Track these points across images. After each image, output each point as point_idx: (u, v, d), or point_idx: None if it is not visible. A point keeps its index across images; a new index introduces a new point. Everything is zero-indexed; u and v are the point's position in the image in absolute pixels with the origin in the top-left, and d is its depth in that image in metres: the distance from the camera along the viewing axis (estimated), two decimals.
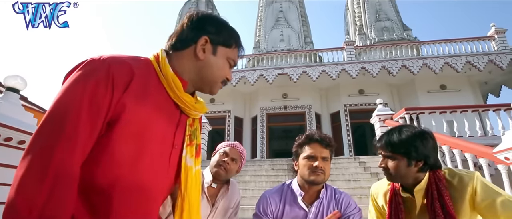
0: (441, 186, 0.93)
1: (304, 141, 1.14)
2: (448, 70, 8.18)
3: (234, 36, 0.71)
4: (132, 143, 0.57)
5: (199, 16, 0.69)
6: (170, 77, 0.63)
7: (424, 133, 0.98)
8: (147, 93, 0.60)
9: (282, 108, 9.81)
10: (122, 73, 0.57)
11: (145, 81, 0.60)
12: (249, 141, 9.76)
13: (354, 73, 8.60)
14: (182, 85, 0.65)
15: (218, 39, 0.68)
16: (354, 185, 4.36)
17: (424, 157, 0.94)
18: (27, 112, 2.70)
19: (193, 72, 0.67)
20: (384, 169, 1.00)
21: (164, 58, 0.65)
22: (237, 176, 4.92)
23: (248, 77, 9.10)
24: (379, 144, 1.01)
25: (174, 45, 0.68)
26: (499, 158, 2.94)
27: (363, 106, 9.21)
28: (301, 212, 1.10)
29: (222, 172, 1.37)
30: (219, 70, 0.69)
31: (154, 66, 0.64)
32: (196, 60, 0.67)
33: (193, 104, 0.68)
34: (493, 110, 5.05)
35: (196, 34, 0.66)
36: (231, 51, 0.71)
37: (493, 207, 0.85)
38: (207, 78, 0.69)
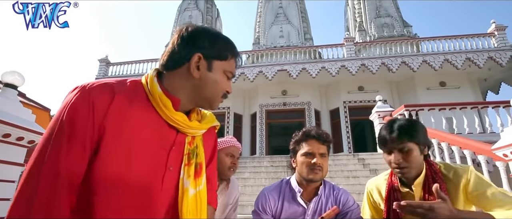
0: (437, 179, 0.94)
1: (301, 137, 1.14)
2: (447, 67, 8.17)
3: (229, 47, 0.68)
4: (117, 165, 0.55)
5: (189, 32, 0.65)
6: (157, 96, 0.61)
7: (417, 121, 1.00)
8: (130, 115, 0.58)
9: (281, 105, 9.79)
10: (103, 98, 0.57)
11: (129, 103, 0.59)
12: (248, 137, 9.77)
13: (354, 69, 8.58)
14: (173, 104, 0.62)
15: (212, 54, 0.65)
16: (353, 182, 4.38)
17: (428, 141, 0.97)
18: (25, 108, 2.69)
19: (189, 90, 0.65)
20: (399, 164, 0.96)
21: (152, 77, 0.64)
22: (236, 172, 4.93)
23: (248, 74, 9.07)
24: (393, 135, 0.97)
25: (166, 65, 0.65)
26: (498, 155, 2.95)
27: (362, 103, 9.21)
28: (300, 208, 1.10)
29: (231, 172, 1.42)
30: (217, 86, 0.66)
31: (144, 86, 0.63)
32: (191, 79, 0.64)
33: (186, 123, 0.64)
34: (492, 107, 5.06)
35: (188, 51, 0.63)
36: (228, 64, 0.68)
37: (483, 197, 0.87)
38: (205, 96, 0.66)
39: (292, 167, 1.18)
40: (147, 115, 0.61)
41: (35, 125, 2.63)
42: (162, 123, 0.62)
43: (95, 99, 0.56)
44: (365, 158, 5.55)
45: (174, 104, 0.63)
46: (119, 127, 0.56)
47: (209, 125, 0.72)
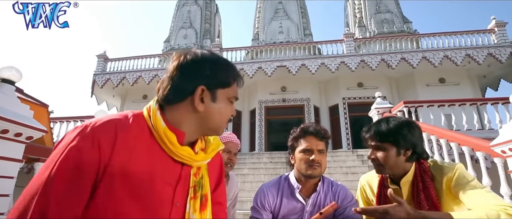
0: (426, 178, 0.94)
1: (299, 134, 1.14)
2: (447, 63, 8.16)
3: (230, 72, 0.65)
4: (120, 206, 0.53)
5: (188, 62, 0.61)
6: (162, 131, 0.59)
7: (411, 122, 1.00)
8: (134, 153, 0.56)
9: (280, 101, 9.78)
10: (107, 139, 0.54)
11: (133, 140, 0.56)
12: (247, 134, 9.77)
13: (353, 66, 8.56)
14: (178, 138, 0.60)
15: (215, 83, 0.62)
16: (351, 178, 4.40)
17: (412, 145, 0.96)
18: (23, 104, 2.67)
19: (194, 122, 0.62)
20: (373, 160, 1.01)
21: (155, 111, 0.61)
22: (235, 168, 4.94)
23: (247, 70, 9.04)
24: (368, 134, 1.02)
25: (167, 99, 0.61)
26: (496, 151, 2.96)
27: (361, 100, 9.21)
28: (299, 204, 1.11)
29: (228, 169, 1.42)
30: (222, 115, 0.64)
31: (146, 120, 0.60)
32: (195, 111, 0.61)
33: (191, 156, 0.62)
34: (491, 103, 5.06)
35: (190, 84, 0.60)
36: (231, 90, 0.65)
37: (458, 194, 0.88)
38: (210, 126, 0.64)
39: (291, 163, 1.18)
40: (152, 152, 0.58)
41: (33, 121, 2.61)
42: (167, 158, 0.60)
43: (101, 141, 0.53)
44: (363, 154, 5.57)
45: (179, 138, 0.60)
46: (124, 166, 0.54)
47: (215, 152, 0.70)
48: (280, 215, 1.12)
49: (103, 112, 3.71)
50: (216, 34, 13.50)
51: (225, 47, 10.09)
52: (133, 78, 9.58)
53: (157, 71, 9.57)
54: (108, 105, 11.60)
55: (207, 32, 12.67)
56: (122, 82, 9.71)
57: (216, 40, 10.40)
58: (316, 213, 0.99)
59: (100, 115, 3.59)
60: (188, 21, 12.52)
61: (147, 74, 9.55)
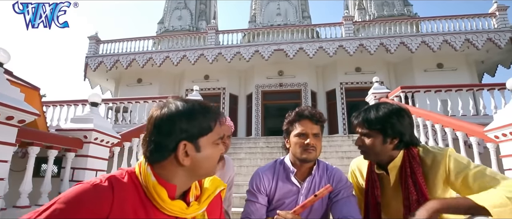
0: (414, 164, 0.94)
1: (294, 117, 1.13)
2: (446, 48, 8.10)
3: (209, 117, 0.64)
4: None
5: (164, 120, 0.61)
6: (151, 186, 0.60)
7: (401, 110, 0.99)
8: (127, 211, 0.57)
9: (277, 86, 9.71)
10: (106, 199, 0.55)
11: (129, 204, 0.58)
12: (244, 118, 9.78)
13: (352, 50, 8.45)
14: (169, 192, 0.61)
15: (195, 133, 0.61)
16: (347, 162, 4.46)
17: (400, 134, 0.96)
18: (13, 86, 2.58)
19: (184, 175, 0.63)
20: (360, 147, 1.02)
21: (145, 167, 0.62)
22: (232, 153, 4.98)
23: (243, 53, 8.88)
24: (357, 121, 1.02)
25: (152, 159, 0.62)
26: (489, 136, 2.99)
27: (359, 85, 9.19)
28: (294, 188, 1.12)
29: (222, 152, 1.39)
30: (211, 160, 0.64)
31: (138, 177, 0.62)
32: (183, 166, 0.61)
33: (183, 211, 0.62)
34: (487, 89, 5.08)
35: (171, 141, 0.60)
36: (214, 133, 0.64)
37: (466, 181, 0.88)
38: (202, 174, 0.65)
39: (286, 147, 1.17)
40: (146, 209, 0.60)
41: (24, 103, 2.54)
42: (161, 214, 0.61)
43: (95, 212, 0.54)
44: None
45: (170, 191, 0.61)
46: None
47: (210, 199, 0.70)
48: (276, 198, 1.13)
49: (97, 95, 3.63)
50: (211, 15, 13.09)
51: (221, 30, 9.83)
52: (127, 61, 9.35)
53: (151, 54, 9.34)
54: (102, 89, 11.40)
55: (203, 13, 12.27)
56: (115, 66, 9.48)
57: (212, 22, 10.10)
58: (311, 196, 0.99)
59: (93, 98, 3.52)
60: (183, 2, 12.08)
61: (141, 57, 9.32)
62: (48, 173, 2.91)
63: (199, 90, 6.81)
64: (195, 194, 0.68)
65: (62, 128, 3.45)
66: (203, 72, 10.00)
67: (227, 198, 1.53)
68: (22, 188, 2.58)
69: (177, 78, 10.51)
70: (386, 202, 1.03)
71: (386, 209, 1.04)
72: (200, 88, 7.54)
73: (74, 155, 3.06)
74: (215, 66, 9.48)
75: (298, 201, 1.10)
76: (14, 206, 2.52)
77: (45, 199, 2.76)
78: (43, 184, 2.79)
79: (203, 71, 9.94)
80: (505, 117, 2.80)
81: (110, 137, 3.41)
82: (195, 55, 9.12)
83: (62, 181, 2.98)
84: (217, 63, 9.22)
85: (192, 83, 9.05)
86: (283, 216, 0.87)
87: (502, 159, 2.86)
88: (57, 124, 6.06)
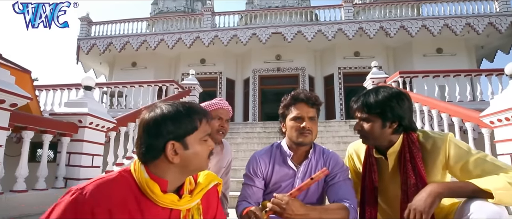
0: (413, 149, 0.95)
1: (290, 101, 1.13)
2: (446, 32, 7.99)
3: (194, 117, 0.68)
4: None
5: (150, 124, 0.66)
6: (144, 182, 0.65)
7: (401, 94, 0.98)
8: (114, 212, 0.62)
9: (275, 71, 9.61)
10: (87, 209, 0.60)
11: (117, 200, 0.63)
12: (241, 103, 9.74)
13: (351, 33, 8.30)
14: (161, 186, 0.66)
15: (182, 133, 0.67)
16: (343, 147, 4.51)
17: (399, 118, 0.95)
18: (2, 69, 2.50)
19: (175, 171, 0.68)
20: (359, 131, 1.02)
21: (139, 165, 0.67)
22: (229, 138, 4.99)
23: (240, 36, 8.67)
24: (356, 105, 1.01)
25: (144, 159, 0.67)
26: (485, 122, 3.02)
27: (357, 70, 9.12)
28: (290, 171, 1.13)
29: (221, 136, 1.40)
30: (200, 156, 0.69)
31: (133, 174, 0.67)
32: (173, 164, 0.66)
33: (175, 203, 0.68)
34: (485, 75, 5.07)
35: (159, 142, 0.65)
36: (201, 130, 0.69)
37: (466, 167, 0.89)
38: (191, 170, 0.70)
39: (282, 131, 1.17)
40: (140, 203, 0.65)
41: (15, 87, 2.47)
42: (155, 206, 0.66)
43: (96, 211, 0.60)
44: None
45: (162, 186, 0.66)
46: None
47: (203, 193, 0.75)
48: (272, 181, 1.14)
49: (91, 79, 3.55)
50: None
51: (217, 11, 9.52)
52: (120, 44, 9.10)
53: (145, 37, 9.08)
54: (96, 73, 11.17)
55: None
56: (109, 48, 9.23)
57: (208, 3, 9.75)
58: (307, 179, 0.99)
59: (87, 82, 3.44)
60: None
61: (135, 40, 9.06)
62: (43, 158, 2.90)
63: (195, 74, 6.70)
64: (189, 189, 0.73)
65: (56, 112, 3.40)
66: (199, 56, 9.81)
67: (225, 182, 1.54)
68: (18, 172, 2.58)
69: (172, 62, 10.31)
70: (383, 186, 1.04)
71: (383, 193, 1.05)
72: (196, 72, 7.42)
73: (69, 139, 3.03)
74: (212, 50, 9.29)
75: (294, 184, 1.11)
76: (11, 190, 2.52)
77: (42, 183, 2.76)
78: (39, 169, 2.79)
79: (199, 55, 9.75)
80: (501, 102, 2.80)
81: (106, 122, 3.37)
82: (191, 38, 8.89)
83: (58, 166, 2.98)
84: (214, 46, 9.02)
85: (188, 67, 8.89)
86: (280, 199, 0.88)
87: (496, 144, 2.89)
88: (51, 108, 5.98)
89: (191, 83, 6.39)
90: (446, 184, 0.84)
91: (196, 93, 6.42)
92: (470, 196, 0.81)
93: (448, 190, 0.82)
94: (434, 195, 0.80)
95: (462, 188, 0.82)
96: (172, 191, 0.69)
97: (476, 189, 0.80)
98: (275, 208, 0.87)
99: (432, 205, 0.79)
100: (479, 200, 0.79)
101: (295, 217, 0.88)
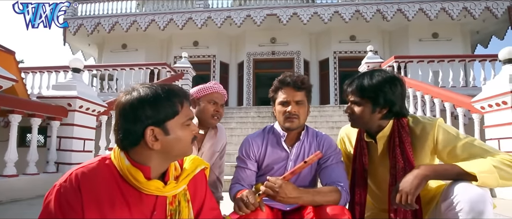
0: (403, 133, 0.96)
1: (277, 85, 1.12)
2: (443, 16, 7.92)
3: (173, 100, 0.65)
4: None
5: (127, 109, 0.63)
6: (126, 169, 0.63)
7: (395, 79, 0.98)
8: (101, 200, 0.61)
9: (269, 54, 9.46)
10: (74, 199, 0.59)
11: (102, 188, 0.62)
12: (235, 87, 9.65)
13: (347, 16, 8.14)
14: (144, 173, 0.64)
15: (161, 118, 0.63)
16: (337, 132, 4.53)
17: (390, 103, 0.95)
18: None
19: (157, 157, 0.65)
20: (349, 115, 1.02)
21: (118, 152, 0.65)
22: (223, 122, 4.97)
23: (234, 18, 8.42)
24: (350, 88, 1.01)
25: (123, 145, 0.64)
26: (476, 107, 3.07)
27: (353, 54, 9.05)
28: (283, 153, 1.13)
29: (215, 121, 1.37)
30: (182, 142, 0.66)
31: (114, 162, 0.65)
32: (154, 150, 0.63)
33: (160, 190, 0.65)
34: (479, 60, 5.10)
35: (138, 127, 0.62)
36: (182, 115, 0.66)
37: (454, 152, 0.91)
38: (173, 155, 0.67)
39: (274, 115, 1.17)
40: (123, 192, 0.63)
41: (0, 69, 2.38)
42: (139, 194, 0.64)
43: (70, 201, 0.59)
44: None
45: (145, 173, 0.64)
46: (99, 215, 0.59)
47: (189, 179, 0.72)
48: (265, 164, 1.15)
49: (79, 60, 3.43)
50: None
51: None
52: (109, 24, 8.72)
53: (135, 17, 8.72)
54: (84, 55, 10.79)
55: None
56: (97, 29, 8.85)
57: None
58: (300, 161, 1.00)
59: (75, 63, 3.31)
60: None
61: (125, 20, 8.70)
62: (33, 142, 2.84)
63: (188, 57, 6.54)
64: (174, 175, 0.71)
65: (43, 95, 3.29)
66: (192, 38, 9.53)
67: (219, 166, 1.53)
68: (8, 157, 2.53)
69: (164, 44, 10.01)
70: (373, 169, 1.06)
71: (373, 176, 1.07)
72: (189, 55, 7.24)
73: (59, 123, 2.97)
74: (205, 32, 9.02)
75: (287, 166, 1.12)
76: (1, 175, 2.48)
77: (32, 168, 2.72)
78: (29, 153, 2.74)
79: (192, 37, 9.47)
80: (493, 88, 2.83)
81: (96, 105, 3.30)
82: (183, 19, 8.58)
83: (49, 150, 2.93)
84: (207, 28, 8.75)
85: (181, 50, 8.66)
86: (273, 182, 0.88)
87: (485, 129, 2.96)
88: (39, 91, 5.80)
89: (184, 66, 6.25)
90: (432, 167, 0.86)
91: (189, 77, 6.30)
92: (456, 179, 0.83)
93: (434, 173, 0.84)
94: (421, 177, 0.82)
95: (448, 170, 0.85)
96: (157, 177, 0.67)
97: (461, 172, 0.82)
98: (268, 191, 0.87)
99: (418, 187, 0.81)
100: (464, 182, 0.81)
101: (288, 200, 0.88)
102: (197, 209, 0.76)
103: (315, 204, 0.95)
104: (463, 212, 0.76)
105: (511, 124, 2.62)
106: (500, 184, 0.82)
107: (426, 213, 0.93)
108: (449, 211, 0.80)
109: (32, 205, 2.21)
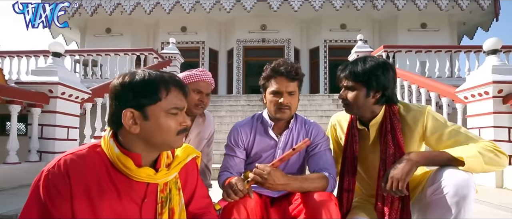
0: (394, 120, 0.98)
1: (270, 73, 1.09)
2: (431, 7, 8.01)
3: (161, 86, 0.63)
4: None
5: (117, 88, 0.63)
6: (116, 157, 0.63)
7: (386, 64, 1.00)
8: (90, 186, 0.61)
9: (260, 41, 9.32)
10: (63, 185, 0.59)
11: (91, 175, 0.62)
12: (224, 75, 9.53)
13: (339, 4, 8.08)
14: (135, 160, 0.64)
15: (142, 102, 0.62)
16: (326, 121, 4.61)
17: (383, 87, 0.97)
18: None
19: (142, 143, 0.65)
20: (343, 100, 1.03)
21: (108, 139, 0.65)
22: (212, 111, 4.92)
23: (224, 3, 8.16)
24: (343, 74, 1.02)
25: (111, 126, 0.66)
26: (459, 97, 3.17)
27: (343, 43, 9.07)
28: (272, 141, 1.13)
29: (199, 110, 1.33)
30: (164, 130, 0.64)
31: (104, 149, 0.65)
32: (134, 135, 0.63)
33: (151, 177, 0.66)
34: (464, 51, 5.23)
35: (119, 109, 0.62)
36: (166, 102, 0.64)
37: (441, 138, 0.95)
38: (156, 143, 0.66)
39: (264, 102, 1.16)
40: (113, 179, 0.63)
41: None
42: (130, 181, 0.64)
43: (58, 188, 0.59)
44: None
45: (136, 160, 0.64)
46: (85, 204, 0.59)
47: (180, 167, 0.72)
48: (253, 151, 1.15)
49: (59, 44, 3.25)
50: None
51: None
52: (92, 6, 8.25)
53: (120, 0, 8.29)
54: (66, 39, 10.25)
55: None
56: (78, 12, 8.36)
57: None
58: (289, 149, 1.00)
59: (55, 47, 3.14)
60: None
61: (108, 2, 8.25)
62: (13, 130, 2.71)
63: (175, 43, 6.34)
64: (166, 162, 0.71)
65: (22, 81, 3.12)
66: (180, 23, 9.22)
67: (207, 153, 1.51)
68: None
69: (151, 29, 9.64)
70: (363, 155, 1.08)
71: (362, 162, 1.10)
72: (177, 41, 7.02)
73: (40, 110, 2.84)
74: (193, 17, 8.73)
75: (275, 154, 1.12)
76: None
77: (13, 157, 2.62)
78: (9, 142, 2.63)
79: (180, 22, 9.15)
80: (475, 79, 2.92)
81: (79, 92, 3.17)
82: (170, 3, 8.23)
83: (30, 139, 2.81)
84: (195, 13, 8.45)
85: (168, 35, 8.36)
86: (262, 169, 0.88)
87: (468, 119, 3.07)
88: (17, 77, 5.50)
89: (171, 52, 6.07)
90: (423, 153, 0.89)
91: (177, 64, 6.14)
92: (444, 164, 0.87)
93: (424, 159, 0.87)
94: (412, 163, 0.85)
95: (437, 157, 0.89)
96: (148, 165, 0.67)
97: (450, 158, 0.86)
98: (257, 178, 0.87)
99: (409, 173, 0.84)
100: (450, 168, 0.85)
101: (276, 187, 0.89)
102: (187, 197, 0.76)
103: (303, 190, 0.96)
104: (448, 196, 0.80)
105: (491, 114, 2.73)
106: (484, 169, 0.86)
107: (411, 198, 0.97)
108: (435, 195, 0.83)
109: (15, 195, 2.14)
